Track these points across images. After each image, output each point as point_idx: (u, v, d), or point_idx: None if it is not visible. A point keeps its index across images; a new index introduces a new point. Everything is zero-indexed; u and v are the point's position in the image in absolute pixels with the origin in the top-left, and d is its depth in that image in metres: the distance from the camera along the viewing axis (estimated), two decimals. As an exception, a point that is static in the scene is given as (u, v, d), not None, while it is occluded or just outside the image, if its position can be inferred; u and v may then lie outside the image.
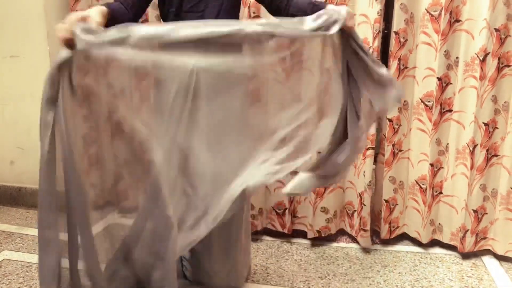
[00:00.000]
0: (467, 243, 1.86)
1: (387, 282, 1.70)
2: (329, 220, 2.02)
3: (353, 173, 1.99)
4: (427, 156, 1.89)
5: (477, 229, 1.87)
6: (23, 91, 2.23)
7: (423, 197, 1.92)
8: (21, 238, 2.06)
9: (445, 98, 1.87)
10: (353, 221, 2.02)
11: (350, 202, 2.03)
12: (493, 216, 1.86)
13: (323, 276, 1.74)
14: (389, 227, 1.98)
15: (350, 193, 2.02)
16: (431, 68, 1.83)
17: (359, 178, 1.96)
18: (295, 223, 2.06)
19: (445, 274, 1.75)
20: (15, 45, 2.19)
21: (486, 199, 1.85)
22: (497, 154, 1.82)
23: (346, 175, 1.98)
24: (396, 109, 1.89)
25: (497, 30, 1.72)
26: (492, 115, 1.79)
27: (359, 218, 1.96)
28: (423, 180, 1.91)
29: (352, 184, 2.00)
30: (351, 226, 2.04)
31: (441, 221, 1.94)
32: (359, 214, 1.95)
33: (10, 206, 2.40)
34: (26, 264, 1.84)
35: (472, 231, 1.85)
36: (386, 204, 1.95)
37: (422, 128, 1.89)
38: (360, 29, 1.84)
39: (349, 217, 2.05)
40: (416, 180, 1.93)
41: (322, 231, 2.02)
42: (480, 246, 1.89)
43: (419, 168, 1.92)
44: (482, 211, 1.85)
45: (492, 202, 1.85)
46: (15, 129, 2.31)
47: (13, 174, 2.38)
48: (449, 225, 1.92)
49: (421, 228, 1.94)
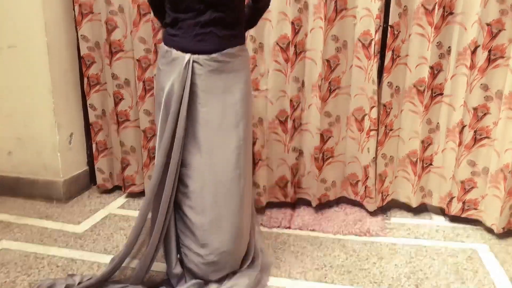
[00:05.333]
0: (453, 207, 2.09)
1: (383, 274, 1.71)
2: (328, 188, 2.23)
3: (357, 149, 2.16)
4: (417, 134, 2.09)
5: (463, 197, 2.06)
6: (21, 81, 2.22)
7: (413, 168, 2.14)
8: (19, 228, 2.07)
9: (436, 83, 2.02)
10: (357, 189, 2.22)
11: (353, 174, 2.22)
12: (484, 191, 2.02)
13: (319, 268, 1.75)
14: (382, 196, 2.19)
15: (354, 166, 2.21)
16: (424, 56, 1.99)
17: (362, 153, 2.14)
18: (298, 192, 2.28)
19: (441, 267, 1.77)
20: (12, 35, 2.18)
21: (477, 175, 2.03)
22: (489, 137, 1.98)
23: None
24: (389, 94, 2.05)
25: (488, 24, 1.84)
26: (482, 101, 1.94)
27: (364, 187, 2.17)
28: (414, 154, 2.13)
29: (356, 158, 2.18)
30: (355, 193, 2.24)
31: (431, 188, 2.18)
32: (364, 184, 2.16)
33: (8, 196, 2.40)
34: (24, 253, 1.85)
35: (458, 198, 2.07)
36: (379, 177, 2.16)
37: (414, 110, 2.08)
38: (363, 22, 1.98)
39: (352, 186, 2.24)
40: (407, 154, 2.14)
41: (321, 198, 2.23)
42: (470, 215, 2.08)
43: (410, 144, 2.13)
44: (471, 184, 2.05)
45: (483, 178, 2.01)
46: (12, 120, 2.30)
47: (10, 165, 2.38)
48: (438, 191, 2.16)
49: (411, 194, 2.17)
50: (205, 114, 1.46)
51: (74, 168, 2.41)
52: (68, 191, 2.36)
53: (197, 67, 1.42)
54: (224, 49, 1.43)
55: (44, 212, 2.24)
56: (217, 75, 1.44)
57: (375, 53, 1.97)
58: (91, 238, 1.98)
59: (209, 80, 1.44)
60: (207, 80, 1.44)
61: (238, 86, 1.48)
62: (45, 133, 2.27)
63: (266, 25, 2.04)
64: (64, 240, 1.96)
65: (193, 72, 1.42)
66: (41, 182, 2.35)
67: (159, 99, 1.50)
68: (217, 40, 1.42)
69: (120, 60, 2.24)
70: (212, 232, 1.50)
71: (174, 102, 1.43)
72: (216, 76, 1.44)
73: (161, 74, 1.50)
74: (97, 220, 2.16)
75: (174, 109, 1.43)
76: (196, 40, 1.41)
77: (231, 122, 1.47)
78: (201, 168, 1.49)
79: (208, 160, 1.48)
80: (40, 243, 1.94)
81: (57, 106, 2.24)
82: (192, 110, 1.46)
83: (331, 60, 2.05)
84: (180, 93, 1.42)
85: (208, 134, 1.47)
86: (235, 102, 1.47)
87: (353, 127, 2.15)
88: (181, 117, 1.43)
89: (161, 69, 1.50)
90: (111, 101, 2.31)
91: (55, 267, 1.75)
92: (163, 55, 1.48)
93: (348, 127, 2.17)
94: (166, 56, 1.46)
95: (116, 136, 2.36)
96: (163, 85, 1.47)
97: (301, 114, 2.17)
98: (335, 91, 2.10)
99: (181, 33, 1.42)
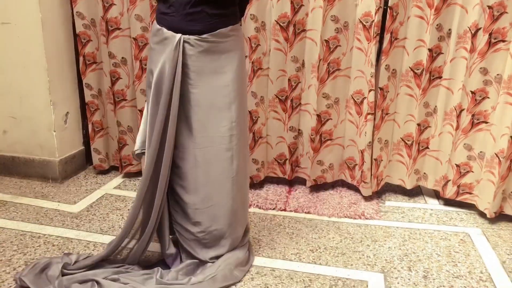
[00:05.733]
0: (448, 190, 2.11)
1: (377, 256, 1.74)
2: (325, 170, 2.25)
3: (355, 133, 2.17)
4: (413, 117, 2.10)
5: (459, 181, 2.08)
6: (14, 59, 2.19)
7: (408, 151, 2.16)
8: (15, 207, 2.07)
9: (435, 66, 2.01)
10: (355, 173, 2.24)
11: (351, 158, 2.23)
12: (479, 176, 2.03)
13: (314, 249, 1.77)
14: (377, 181, 2.20)
15: (352, 150, 2.22)
16: (422, 39, 1.97)
17: (360, 137, 2.14)
18: (297, 171, 2.32)
19: (433, 249, 1.79)
20: (6, 11, 2.13)
21: (473, 159, 2.04)
22: (486, 121, 1.97)
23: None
24: (386, 77, 2.03)
25: (490, 7, 1.81)
26: (480, 85, 1.93)
27: (360, 171, 2.17)
28: (409, 137, 2.14)
29: (354, 142, 2.19)
30: (352, 177, 2.25)
31: (426, 171, 2.19)
32: (360, 168, 2.17)
33: (4, 175, 2.39)
34: (20, 232, 1.85)
35: (453, 182, 2.08)
36: (375, 162, 2.15)
37: (410, 93, 2.08)
38: (364, 2, 1.96)
39: (350, 169, 2.25)
40: (402, 137, 2.15)
41: (318, 179, 2.25)
42: (464, 199, 2.10)
43: (405, 127, 2.14)
44: (467, 168, 2.06)
45: (479, 163, 2.02)
46: (7, 98, 2.28)
47: (6, 144, 2.36)
48: (434, 174, 2.17)
49: (405, 176, 2.19)
50: (196, 95, 1.45)
51: (69, 147, 2.40)
52: (64, 170, 2.36)
53: (188, 48, 1.40)
54: (215, 29, 1.41)
55: (40, 192, 2.24)
56: (208, 55, 1.43)
57: (374, 35, 1.95)
58: (87, 218, 1.99)
59: (200, 61, 1.42)
60: (198, 60, 1.42)
61: (230, 67, 1.46)
62: (40, 112, 2.26)
63: (268, 4, 2.02)
64: (60, 220, 1.97)
65: (184, 53, 1.40)
66: (36, 162, 2.34)
67: (150, 79, 1.49)
68: (208, 19, 1.39)
69: (117, 39, 2.21)
70: (204, 211, 1.52)
71: (166, 84, 1.41)
72: (207, 57, 1.43)
73: (152, 54, 1.48)
74: (93, 200, 2.16)
75: (168, 90, 1.41)
76: (187, 20, 1.38)
77: (223, 103, 1.46)
78: (192, 149, 1.49)
79: (199, 141, 1.48)
80: (36, 222, 1.94)
81: (52, 85, 2.21)
82: (183, 91, 1.45)
83: (330, 41, 2.03)
84: (172, 75, 1.40)
85: (199, 115, 1.47)
86: (227, 83, 1.46)
87: (352, 110, 2.15)
88: (174, 99, 1.42)
89: (153, 48, 1.47)
90: (108, 81, 2.29)
91: (51, 246, 1.75)
92: (154, 33, 1.46)
93: (347, 110, 2.17)
94: (157, 34, 1.44)
95: (113, 116, 2.34)
96: (154, 65, 1.45)
97: (301, 94, 2.17)
98: (334, 72, 2.09)
99: (172, 12, 1.39)
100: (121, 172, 2.43)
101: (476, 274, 1.64)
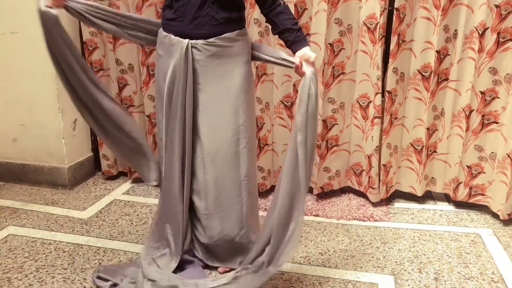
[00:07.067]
0: (460, 192, 2.07)
1: (386, 258, 1.73)
2: (331, 177, 2.22)
3: (361, 138, 2.14)
4: (422, 122, 2.06)
5: (470, 182, 2.05)
6: (23, 68, 2.21)
7: (418, 157, 2.12)
8: (26, 214, 2.09)
9: (442, 68, 1.99)
10: (362, 179, 2.19)
11: (358, 163, 2.20)
12: (491, 176, 2.01)
13: (323, 252, 1.77)
14: (386, 188, 2.16)
15: (358, 155, 2.18)
16: (430, 41, 1.95)
17: (367, 142, 2.12)
18: None
19: (444, 251, 1.78)
20: (14, 21, 2.16)
21: (484, 160, 2.02)
22: (497, 122, 1.95)
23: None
24: (394, 81, 1.99)
25: (497, 6, 1.80)
26: (490, 85, 1.90)
27: (367, 177, 2.14)
28: (418, 142, 2.10)
29: (360, 147, 2.16)
30: (359, 184, 2.22)
31: (435, 175, 2.16)
32: (368, 174, 2.13)
33: (14, 182, 2.42)
34: (31, 239, 1.87)
35: (465, 183, 2.05)
36: (384, 168, 2.11)
37: (419, 96, 2.05)
38: (368, 4, 1.94)
39: (356, 175, 2.22)
40: (411, 143, 2.11)
41: (324, 187, 2.22)
42: (477, 200, 2.08)
43: (414, 132, 2.10)
44: (478, 169, 2.03)
45: (491, 164, 2.00)
46: (16, 107, 2.30)
47: (16, 151, 2.39)
48: (442, 177, 2.15)
49: (416, 183, 2.15)
50: (203, 100, 1.46)
51: (78, 154, 2.42)
52: (73, 177, 2.38)
53: (196, 53, 1.41)
54: (222, 33, 1.41)
55: (50, 198, 2.26)
56: (216, 60, 1.43)
57: (380, 37, 1.94)
58: (97, 223, 2.00)
59: (208, 65, 1.43)
60: (206, 65, 1.43)
61: (237, 71, 1.46)
62: (49, 119, 2.28)
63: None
64: (70, 226, 1.98)
65: (192, 58, 1.42)
66: (46, 169, 2.36)
67: (160, 86, 1.50)
68: (214, 24, 1.39)
69: (124, 45, 2.22)
70: (214, 217, 1.53)
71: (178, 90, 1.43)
72: (215, 61, 1.43)
73: (160, 62, 1.49)
74: (102, 206, 2.18)
75: (181, 96, 1.43)
76: (194, 25, 1.39)
77: (229, 107, 1.47)
78: (200, 153, 1.50)
79: (207, 146, 1.48)
80: (46, 229, 1.96)
81: (60, 92, 2.23)
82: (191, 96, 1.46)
83: (334, 44, 2.03)
84: (184, 81, 1.42)
85: (206, 120, 1.47)
86: (234, 87, 1.46)
87: (358, 115, 2.13)
88: (188, 105, 1.44)
89: (160, 55, 1.48)
90: (115, 87, 2.30)
91: (61, 253, 1.77)
92: (162, 40, 1.47)
93: (352, 114, 2.15)
94: (164, 41, 1.45)
95: (120, 122, 2.36)
96: (164, 72, 1.46)
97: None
98: (339, 76, 2.09)
99: (178, 17, 1.40)
100: (129, 178, 2.45)
101: (487, 275, 1.62)
